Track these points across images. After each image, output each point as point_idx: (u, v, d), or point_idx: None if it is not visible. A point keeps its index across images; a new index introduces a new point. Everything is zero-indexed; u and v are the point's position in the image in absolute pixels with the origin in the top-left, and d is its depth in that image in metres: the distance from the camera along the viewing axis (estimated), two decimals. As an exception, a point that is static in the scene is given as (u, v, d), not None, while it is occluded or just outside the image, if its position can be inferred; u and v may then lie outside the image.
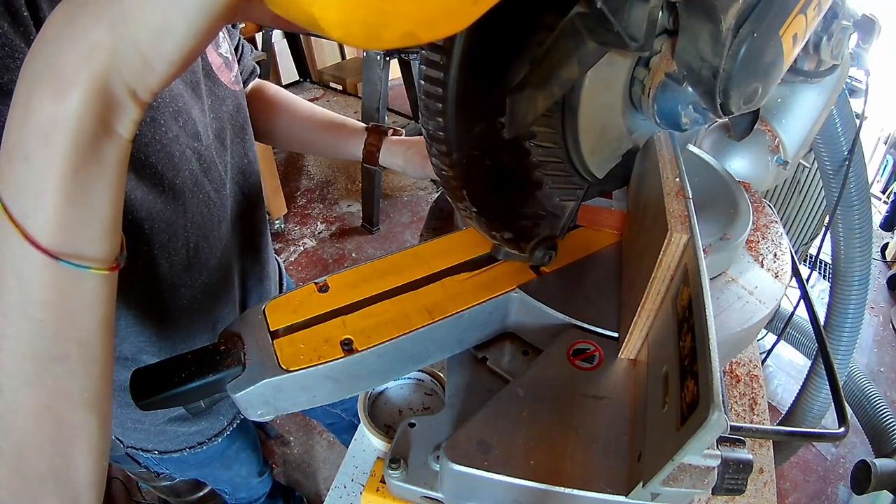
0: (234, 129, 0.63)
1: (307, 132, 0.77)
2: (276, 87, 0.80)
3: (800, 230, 1.93)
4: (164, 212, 0.52)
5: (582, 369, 0.40)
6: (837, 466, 1.65)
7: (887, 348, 2.06)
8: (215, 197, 0.59)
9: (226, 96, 0.61)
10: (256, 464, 1.00)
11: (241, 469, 0.95)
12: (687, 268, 0.34)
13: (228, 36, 0.65)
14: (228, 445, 0.84)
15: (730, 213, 0.52)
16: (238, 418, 0.81)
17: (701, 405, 0.26)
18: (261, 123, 0.75)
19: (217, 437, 0.78)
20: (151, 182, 0.49)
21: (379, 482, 0.46)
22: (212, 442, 0.78)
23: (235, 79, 0.63)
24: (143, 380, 0.37)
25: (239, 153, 0.65)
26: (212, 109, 0.58)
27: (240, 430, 0.83)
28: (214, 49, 0.60)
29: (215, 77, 0.59)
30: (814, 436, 0.91)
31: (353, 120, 0.78)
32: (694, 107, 0.40)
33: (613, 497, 0.32)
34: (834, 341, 1.05)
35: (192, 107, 0.54)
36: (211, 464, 0.86)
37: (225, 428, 0.79)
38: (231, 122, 0.62)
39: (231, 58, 0.63)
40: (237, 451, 0.89)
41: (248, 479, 1.01)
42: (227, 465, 0.90)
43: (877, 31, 0.60)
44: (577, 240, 0.51)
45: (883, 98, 2.19)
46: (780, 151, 0.68)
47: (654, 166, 0.43)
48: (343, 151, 0.75)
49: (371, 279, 0.45)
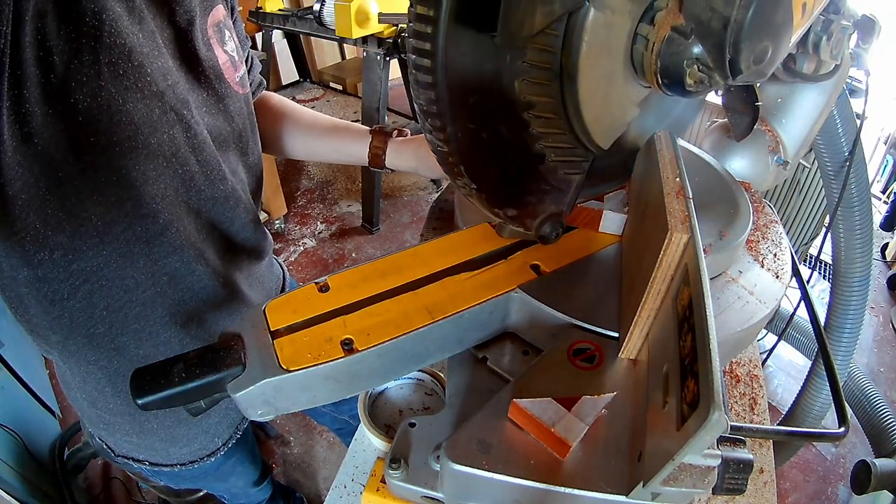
0: (234, 131, 0.62)
1: (312, 139, 0.77)
2: (279, 96, 0.81)
3: (800, 230, 1.93)
4: (138, 160, 0.49)
5: (582, 369, 0.40)
6: (837, 466, 1.65)
7: (887, 348, 2.06)
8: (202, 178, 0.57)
9: (227, 94, 0.60)
10: (254, 475, 0.97)
11: (238, 481, 0.93)
12: (687, 267, 0.34)
13: (236, 38, 0.64)
14: (223, 462, 0.81)
15: (730, 213, 0.52)
16: (234, 438, 0.79)
17: (701, 405, 0.26)
18: (266, 133, 0.75)
19: (210, 456, 0.76)
20: (126, 132, 0.47)
21: (379, 482, 0.46)
22: (204, 462, 0.76)
23: (240, 80, 0.63)
24: (144, 379, 0.37)
25: (239, 153, 0.64)
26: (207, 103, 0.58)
27: (236, 445, 0.80)
28: (221, 46, 0.59)
29: (220, 73, 0.59)
30: (814, 436, 0.91)
31: (356, 124, 0.77)
32: (700, 65, 0.38)
33: (614, 497, 0.32)
34: (834, 341, 1.05)
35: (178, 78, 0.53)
36: (206, 477, 0.84)
37: (218, 449, 0.77)
38: (231, 123, 0.62)
39: (238, 58, 0.63)
40: (233, 466, 0.86)
41: (246, 489, 1.00)
42: (223, 479, 0.88)
43: (877, 31, 0.60)
44: (577, 240, 0.51)
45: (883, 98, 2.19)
46: (780, 151, 0.68)
47: (654, 166, 0.43)
48: (348, 156, 0.75)
49: (371, 279, 0.45)
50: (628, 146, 0.49)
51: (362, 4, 1.81)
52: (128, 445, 0.73)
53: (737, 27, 0.33)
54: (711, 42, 0.35)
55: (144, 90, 0.48)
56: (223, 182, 0.60)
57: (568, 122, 0.43)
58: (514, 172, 0.42)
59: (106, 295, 0.55)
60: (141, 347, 0.61)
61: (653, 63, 0.40)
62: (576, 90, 0.41)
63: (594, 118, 0.43)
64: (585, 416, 0.34)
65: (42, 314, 0.55)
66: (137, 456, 0.74)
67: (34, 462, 1.38)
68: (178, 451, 0.74)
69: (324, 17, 1.96)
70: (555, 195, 0.44)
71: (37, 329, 0.58)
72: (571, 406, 0.35)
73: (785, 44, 0.36)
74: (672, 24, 0.38)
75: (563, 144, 0.44)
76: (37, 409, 1.56)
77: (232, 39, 0.62)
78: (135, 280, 0.56)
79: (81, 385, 0.66)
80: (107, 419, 0.69)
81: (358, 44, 1.99)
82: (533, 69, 0.38)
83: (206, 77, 0.57)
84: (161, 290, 0.59)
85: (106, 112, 0.46)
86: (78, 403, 0.70)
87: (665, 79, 0.40)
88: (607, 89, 0.43)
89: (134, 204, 0.51)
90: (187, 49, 0.55)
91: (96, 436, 0.74)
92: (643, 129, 0.49)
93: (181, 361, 0.38)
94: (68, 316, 0.55)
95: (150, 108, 0.49)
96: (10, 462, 1.29)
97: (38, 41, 0.41)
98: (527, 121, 0.41)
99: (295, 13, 2.23)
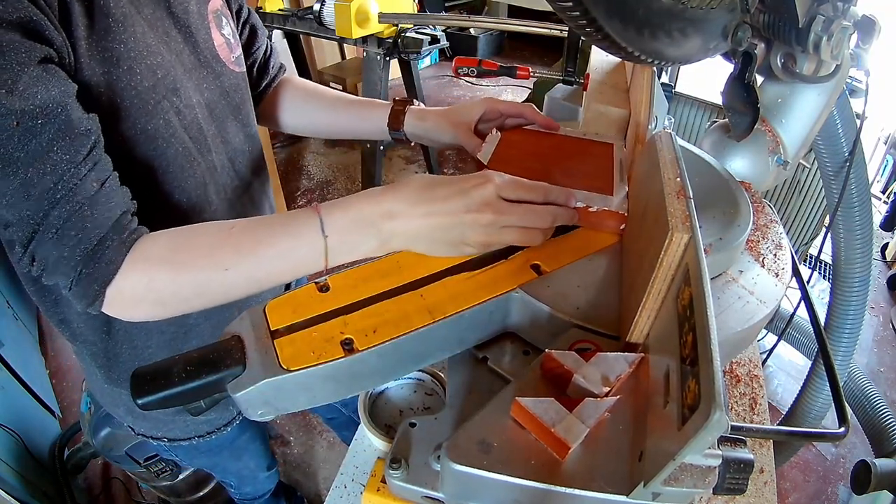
0: (229, 105, 0.67)
1: (335, 113, 0.81)
2: (302, 79, 0.86)
3: (800, 230, 1.93)
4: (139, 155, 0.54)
5: (582, 369, 0.40)
6: (837, 466, 1.65)
7: (887, 348, 2.06)
8: (199, 158, 0.61)
9: (222, 73, 0.65)
10: (265, 457, 1.02)
11: (250, 461, 0.97)
12: (688, 267, 0.34)
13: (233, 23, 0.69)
14: (238, 435, 0.86)
15: (730, 213, 0.52)
16: None
17: (702, 405, 0.26)
18: (292, 111, 0.81)
19: (226, 426, 0.80)
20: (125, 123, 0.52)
21: (379, 482, 0.46)
22: (221, 431, 0.80)
23: (236, 60, 0.67)
24: (144, 379, 0.37)
25: (233, 130, 0.68)
26: (205, 79, 0.63)
27: (249, 420, 0.84)
28: (218, 29, 0.65)
29: (216, 53, 0.64)
30: (814, 436, 0.91)
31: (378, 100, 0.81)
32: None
33: (614, 497, 0.32)
34: (834, 341, 1.05)
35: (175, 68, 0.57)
36: (221, 452, 0.88)
37: (235, 417, 0.81)
38: (226, 97, 0.66)
39: (234, 41, 0.68)
40: (247, 442, 0.91)
41: (256, 473, 1.03)
42: (237, 456, 0.92)
43: (877, 31, 0.60)
44: (577, 240, 0.51)
45: (883, 98, 2.19)
46: (780, 151, 0.68)
47: (654, 166, 0.43)
48: (370, 124, 0.78)
49: (371, 279, 0.45)
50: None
51: (362, 4, 1.81)
52: (146, 422, 0.76)
53: None
54: None
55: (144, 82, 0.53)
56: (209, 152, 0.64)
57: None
58: None
59: None
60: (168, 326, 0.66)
61: None
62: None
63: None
64: (587, 417, 0.34)
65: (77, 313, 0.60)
66: (156, 433, 0.78)
67: (34, 462, 1.39)
68: (196, 422, 0.77)
69: (324, 17, 1.96)
70: None
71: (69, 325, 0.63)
72: (574, 407, 0.35)
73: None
74: None
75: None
76: (37, 409, 1.57)
77: (229, 25, 0.67)
78: None
79: (102, 362, 0.68)
80: (125, 397, 0.71)
81: (358, 44, 1.99)
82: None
83: (203, 58, 0.62)
84: None
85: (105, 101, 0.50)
86: (98, 385, 0.73)
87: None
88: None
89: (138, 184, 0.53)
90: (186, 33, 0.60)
91: (115, 417, 0.78)
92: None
93: (181, 361, 0.38)
94: None
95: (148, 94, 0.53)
96: (10, 462, 1.29)
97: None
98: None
99: (295, 13, 2.22)
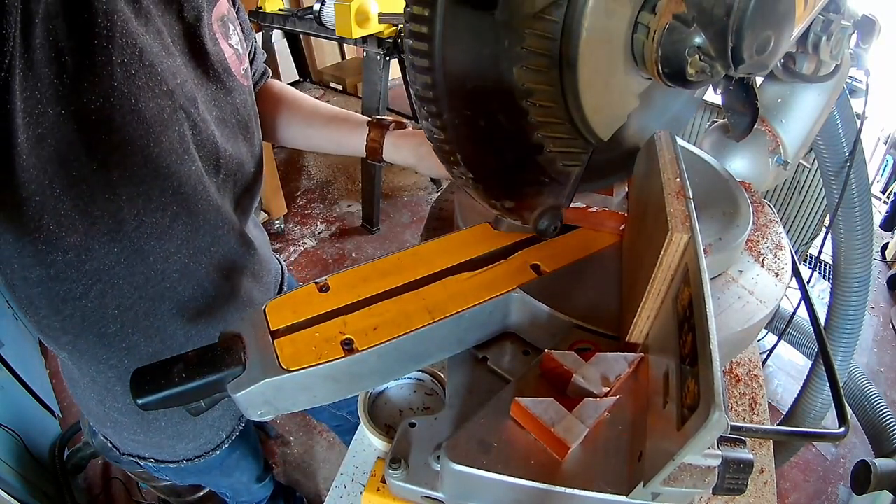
0: (240, 122, 0.63)
1: (311, 130, 0.76)
2: (282, 84, 0.80)
3: (800, 230, 1.93)
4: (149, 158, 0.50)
5: (582, 369, 0.40)
6: (837, 466, 1.65)
7: (887, 348, 2.06)
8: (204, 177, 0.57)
9: (233, 87, 0.61)
10: (257, 469, 0.99)
11: (242, 476, 0.95)
12: (688, 267, 0.34)
13: (241, 31, 0.65)
14: (228, 455, 0.82)
15: (730, 213, 0.52)
16: (237, 430, 0.80)
17: (702, 405, 0.26)
18: (266, 120, 0.75)
19: (215, 450, 0.77)
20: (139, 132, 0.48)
21: (379, 482, 0.46)
22: (209, 455, 0.77)
23: (245, 73, 0.63)
24: (144, 379, 0.37)
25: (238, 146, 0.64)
26: (216, 96, 0.58)
27: (240, 439, 0.82)
28: (225, 40, 0.60)
29: (227, 66, 0.60)
30: (814, 436, 0.91)
31: (357, 114, 0.76)
32: (701, 54, 0.37)
33: (614, 497, 0.32)
34: (834, 341, 1.05)
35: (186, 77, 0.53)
36: (210, 472, 0.85)
37: (223, 441, 0.78)
38: (237, 114, 0.62)
39: (242, 51, 0.63)
40: (237, 460, 0.88)
41: (249, 485, 1.01)
42: (227, 474, 0.90)
43: (877, 31, 0.60)
44: (577, 240, 0.51)
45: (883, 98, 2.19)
46: (780, 151, 0.68)
47: (654, 166, 0.43)
48: (347, 147, 0.74)
49: (371, 279, 0.45)
50: (628, 141, 0.48)
51: (362, 4, 1.81)
52: (133, 444, 0.73)
53: (739, 15, 0.32)
54: (714, 30, 0.34)
55: (155, 89, 0.49)
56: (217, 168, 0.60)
57: (567, 111, 0.42)
58: (511, 163, 0.41)
59: (118, 294, 0.56)
60: (150, 345, 0.62)
61: (654, 52, 0.39)
62: (575, 78, 0.40)
63: (594, 108, 0.42)
64: (586, 417, 0.34)
65: (53, 314, 0.55)
66: (143, 454, 0.74)
67: (34, 462, 1.38)
68: (185, 447, 0.74)
69: (324, 17, 1.96)
70: (553, 188, 0.43)
71: (47, 329, 0.58)
72: (573, 407, 0.35)
73: (787, 35, 0.36)
74: (673, 12, 0.37)
75: (562, 135, 0.43)
76: (37, 409, 1.56)
77: (236, 33, 0.63)
78: (145, 276, 0.56)
79: (90, 384, 0.66)
80: (114, 417, 0.69)
81: (358, 44, 1.99)
82: (532, 55, 0.38)
83: (214, 71, 0.58)
84: (171, 285, 0.59)
85: (118, 111, 0.46)
86: (85, 402, 0.70)
87: (666, 68, 0.40)
88: (607, 79, 0.42)
89: (145, 200, 0.51)
90: (195, 45, 0.56)
91: (101, 434, 0.75)
92: (643, 124, 0.49)
93: (181, 361, 0.38)
94: (80, 315, 0.56)
95: (161, 107, 0.49)
96: (10, 462, 1.29)
97: (49, 42, 0.41)
98: (525, 109, 0.40)
99: (295, 13, 2.22)
